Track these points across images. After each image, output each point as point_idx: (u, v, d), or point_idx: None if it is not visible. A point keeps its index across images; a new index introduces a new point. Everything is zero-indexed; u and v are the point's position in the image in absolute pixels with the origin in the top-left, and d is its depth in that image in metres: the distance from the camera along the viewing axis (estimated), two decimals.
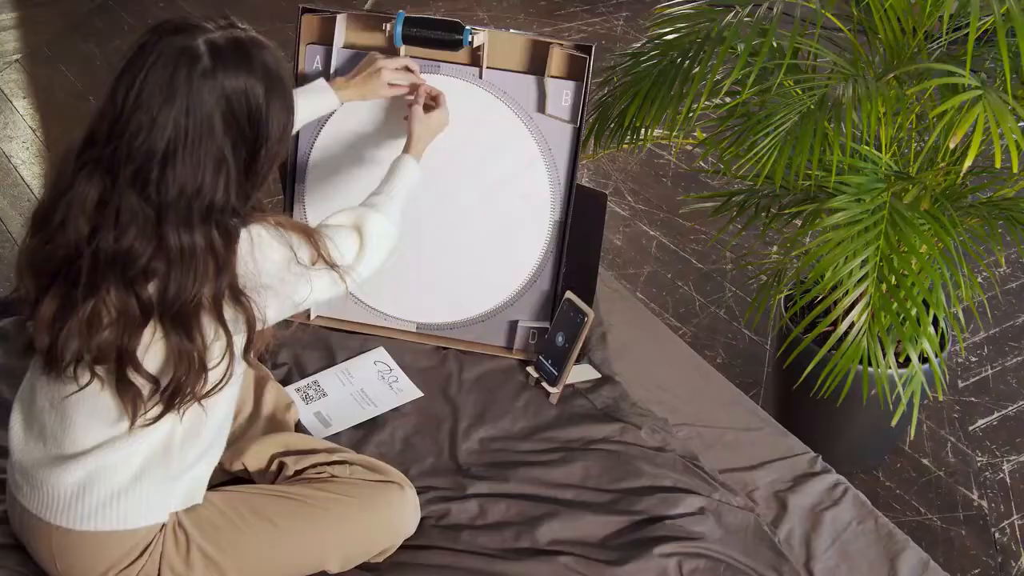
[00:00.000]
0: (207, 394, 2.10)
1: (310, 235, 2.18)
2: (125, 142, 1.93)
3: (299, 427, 2.74)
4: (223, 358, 2.07)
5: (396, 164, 2.65)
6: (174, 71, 1.93)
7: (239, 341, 2.08)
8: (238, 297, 2.04)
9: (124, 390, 2.05)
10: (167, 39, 1.96)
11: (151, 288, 1.98)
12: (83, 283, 1.98)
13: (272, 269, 2.09)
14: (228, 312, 2.04)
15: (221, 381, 2.10)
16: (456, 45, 2.86)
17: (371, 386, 2.90)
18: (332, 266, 2.22)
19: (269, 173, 2.13)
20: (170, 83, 1.93)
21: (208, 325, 2.03)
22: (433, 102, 2.82)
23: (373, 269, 2.42)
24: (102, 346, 2.00)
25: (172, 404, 2.06)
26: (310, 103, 2.78)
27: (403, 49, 2.90)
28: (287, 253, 2.11)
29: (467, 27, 2.85)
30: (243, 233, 2.04)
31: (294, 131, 2.83)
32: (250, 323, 2.07)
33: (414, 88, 2.85)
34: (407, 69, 2.85)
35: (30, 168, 5.15)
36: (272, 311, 2.13)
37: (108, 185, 1.96)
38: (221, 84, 1.96)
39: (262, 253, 2.06)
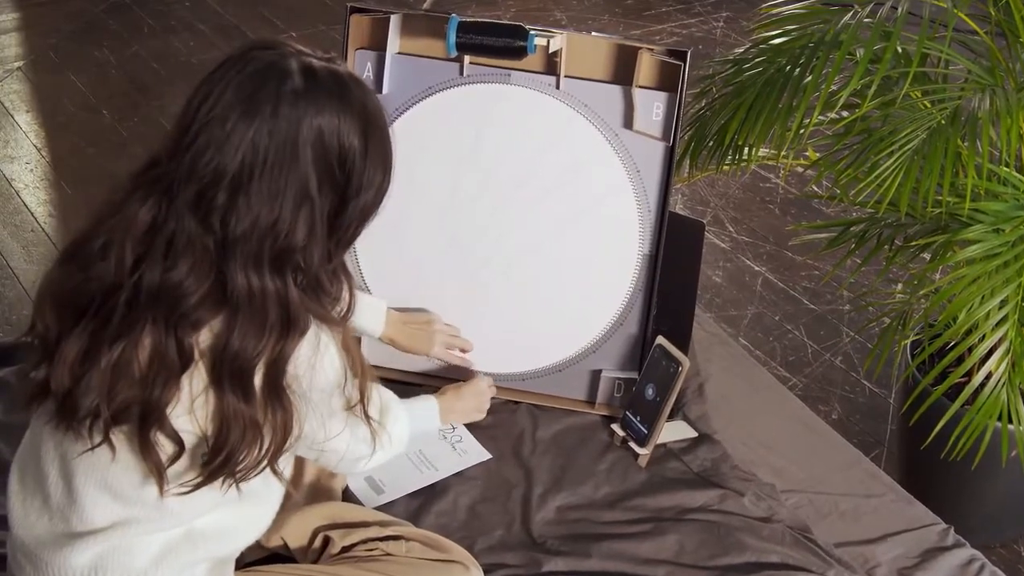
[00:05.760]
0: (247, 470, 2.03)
1: (365, 377, 2.15)
2: (190, 158, 1.88)
3: (347, 495, 2.74)
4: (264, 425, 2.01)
5: (421, 400, 2.79)
6: (260, 85, 1.89)
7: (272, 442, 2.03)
8: (283, 389, 1.99)
9: (147, 453, 1.96)
10: (256, 52, 1.94)
11: (203, 336, 1.92)
12: (116, 322, 1.90)
13: (323, 386, 2.05)
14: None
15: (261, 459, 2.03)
16: (519, 53, 2.87)
17: (431, 447, 2.91)
18: (367, 418, 2.20)
19: (357, 233, 2.08)
20: (253, 96, 1.89)
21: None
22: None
23: (376, 464, 2.45)
24: (125, 403, 1.91)
25: (219, 474, 1.99)
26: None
27: (466, 59, 2.95)
28: (340, 379, 2.09)
29: (531, 31, 2.85)
30: (311, 332, 2.01)
31: None
32: (286, 427, 2.01)
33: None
34: (462, 349, 3.05)
35: (34, 193, 5.19)
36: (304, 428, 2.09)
37: (164, 208, 1.90)
38: (312, 111, 1.91)
39: (321, 364, 2.02)
